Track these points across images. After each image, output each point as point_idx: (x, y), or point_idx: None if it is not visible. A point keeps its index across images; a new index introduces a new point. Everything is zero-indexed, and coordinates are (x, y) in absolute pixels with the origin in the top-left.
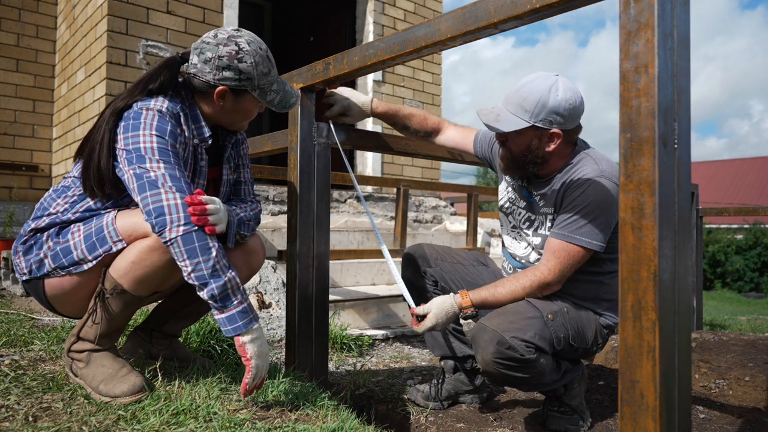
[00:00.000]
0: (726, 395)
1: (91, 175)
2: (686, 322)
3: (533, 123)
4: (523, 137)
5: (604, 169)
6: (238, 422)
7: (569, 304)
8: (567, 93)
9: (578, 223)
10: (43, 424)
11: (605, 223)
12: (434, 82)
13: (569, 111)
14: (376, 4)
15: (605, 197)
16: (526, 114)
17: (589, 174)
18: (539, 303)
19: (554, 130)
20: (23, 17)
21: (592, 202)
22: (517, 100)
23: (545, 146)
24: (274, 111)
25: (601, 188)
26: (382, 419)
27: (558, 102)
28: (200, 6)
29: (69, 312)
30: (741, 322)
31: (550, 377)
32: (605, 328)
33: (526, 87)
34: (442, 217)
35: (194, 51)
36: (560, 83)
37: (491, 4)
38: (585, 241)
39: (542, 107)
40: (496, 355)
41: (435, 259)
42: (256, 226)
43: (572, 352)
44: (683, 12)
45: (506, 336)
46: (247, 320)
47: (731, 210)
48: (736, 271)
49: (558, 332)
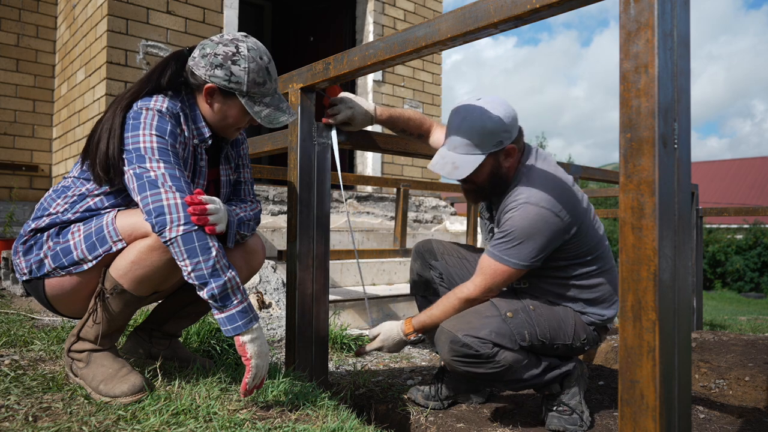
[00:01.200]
0: (726, 395)
1: (98, 160)
2: (686, 322)
3: (488, 152)
4: (484, 167)
5: (531, 195)
6: (238, 422)
7: (542, 301)
8: (500, 110)
9: (507, 245)
10: (43, 424)
11: (533, 245)
12: (434, 82)
13: (510, 124)
14: (376, 4)
15: (531, 222)
16: (477, 148)
17: (519, 199)
18: (500, 302)
19: (507, 146)
20: (23, 17)
21: (518, 227)
22: (462, 140)
23: (504, 164)
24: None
25: (526, 214)
26: (382, 419)
27: (497, 122)
28: (200, 6)
29: (69, 312)
30: (741, 322)
31: (527, 372)
32: (591, 326)
33: (464, 124)
34: (442, 217)
35: (198, 46)
36: (488, 106)
37: (491, 4)
38: (511, 262)
39: (489, 134)
40: (451, 353)
41: (441, 253)
42: (256, 226)
43: (550, 349)
44: (683, 12)
45: (459, 335)
46: (247, 320)
47: (731, 210)
48: (736, 271)
49: (520, 329)
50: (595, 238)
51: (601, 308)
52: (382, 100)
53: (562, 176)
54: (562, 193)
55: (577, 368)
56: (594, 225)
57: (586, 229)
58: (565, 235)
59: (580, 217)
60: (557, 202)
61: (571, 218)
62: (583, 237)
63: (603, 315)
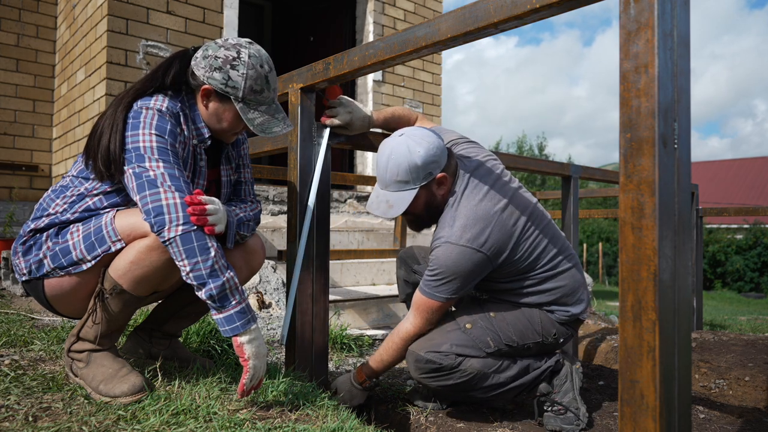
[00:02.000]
0: (726, 395)
1: (100, 155)
2: (686, 322)
3: (419, 185)
4: (418, 200)
5: (452, 233)
6: (238, 422)
7: (505, 305)
8: (423, 143)
9: (435, 282)
10: (43, 424)
11: (460, 281)
12: (434, 82)
13: (436, 154)
14: (376, 4)
15: (454, 261)
16: (407, 184)
17: (442, 238)
18: (460, 315)
19: (438, 176)
20: (23, 17)
21: (443, 266)
22: (391, 178)
23: (437, 192)
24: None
25: (449, 253)
26: (382, 419)
27: (423, 156)
28: (200, 6)
29: (69, 312)
30: (741, 322)
31: (504, 375)
32: (560, 322)
33: (391, 163)
34: None
35: (203, 47)
36: (411, 140)
37: (491, 4)
38: (442, 297)
39: (416, 169)
40: (418, 371)
41: (423, 257)
42: (256, 226)
43: (523, 349)
44: (683, 12)
45: (422, 353)
46: (245, 321)
47: (731, 210)
48: (736, 271)
49: (482, 336)
50: (537, 249)
51: (567, 306)
52: (382, 100)
53: (488, 202)
54: (485, 225)
55: (564, 365)
56: (533, 237)
57: (522, 248)
58: (493, 263)
59: (507, 242)
60: (479, 236)
61: (497, 248)
62: (520, 256)
63: (569, 311)
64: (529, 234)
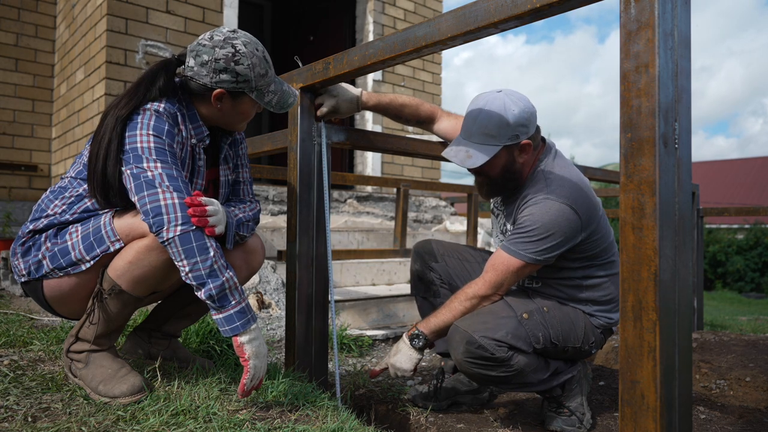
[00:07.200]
0: (727, 395)
1: (96, 183)
2: (687, 322)
3: (503, 144)
4: (498, 159)
5: (551, 191)
6: (238, 423)
7: (554, 303)
8: (520, 104)
9: (524, 238)
10: (43, 424)
11: (551, 240)
12: (434, 82)
13: (528, 119)
14: (376, 4)
15: (552, 218)
16: (493, 139)
17: (539, 194)
18: (514, 302)
19: (523, 142)
20: (22, 17)
21: (539, 222)
22: (479, 130)
23: (518, 159)
24: (273, 111)
25: (548, 209)
26: (382, 420)
27: (517, 116)
28: (200, 5)
29: (68, 313)
30: (742, 322)
31: (535, 377)
32: (598, 328)
33: (483, 114)
34: (442, 217)
35: (190, 53)
36: (508, 98)
37: (491, 4)
38: (527, 257)
39: (506, 126)
40: (466, 354)
41: (441, 255)
42: (255, 226)
43: (560, 352)
44: (684, 11)
45: (476, 336)
46: (245, 320)
47: (732, 210)
48: (737, 272)
49: (535, 331)
50: (607, 241)
51: (610, 311)
52: None
53: (581, 178)
54: (581, 193)
55: (580, 371)
56: (607, 230)
57: (601, 232)
58: (582, 233)
59: (595, 218)
60: (577, 199)
61: (588, 217)
62: (598, 239)
63: (611, 318)
64: (604, 219)
